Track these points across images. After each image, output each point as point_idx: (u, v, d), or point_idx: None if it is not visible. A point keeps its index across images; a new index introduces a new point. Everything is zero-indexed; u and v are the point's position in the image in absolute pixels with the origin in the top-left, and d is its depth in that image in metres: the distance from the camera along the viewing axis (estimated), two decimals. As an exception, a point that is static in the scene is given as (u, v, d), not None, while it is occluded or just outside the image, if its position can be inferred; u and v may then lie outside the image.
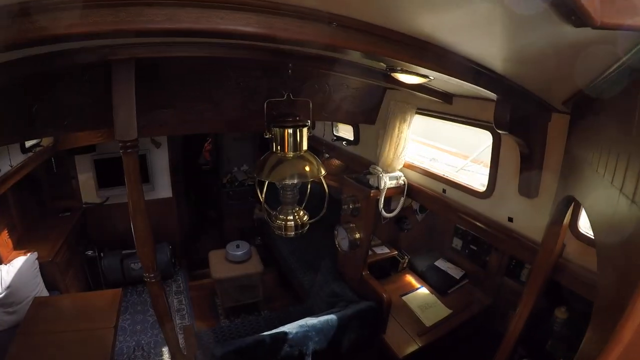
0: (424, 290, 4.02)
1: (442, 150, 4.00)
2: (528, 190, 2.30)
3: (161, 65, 2.48)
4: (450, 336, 3.54)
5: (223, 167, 6.96)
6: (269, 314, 4.11)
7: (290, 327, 3.03)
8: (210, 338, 3.53)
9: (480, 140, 3.08)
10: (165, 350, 4.33)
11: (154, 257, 2.31)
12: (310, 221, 2.13)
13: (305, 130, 1.92)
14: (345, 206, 3.62)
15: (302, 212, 2.13)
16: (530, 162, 2.19)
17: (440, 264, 4.23)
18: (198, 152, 7.53)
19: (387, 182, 3.29)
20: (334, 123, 4.39)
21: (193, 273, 6.14)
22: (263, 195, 2.05)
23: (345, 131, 4.27)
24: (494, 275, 3.76)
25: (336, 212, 3.84)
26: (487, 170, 2.74)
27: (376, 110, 3.58)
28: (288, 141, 1.89)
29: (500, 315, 3.66)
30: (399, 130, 3.18)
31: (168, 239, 5.99)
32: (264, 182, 2.03)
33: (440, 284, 4.00)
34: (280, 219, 2.08)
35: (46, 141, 4.51)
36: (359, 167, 3.68)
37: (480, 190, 2.74)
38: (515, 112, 1.86)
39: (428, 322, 3.57)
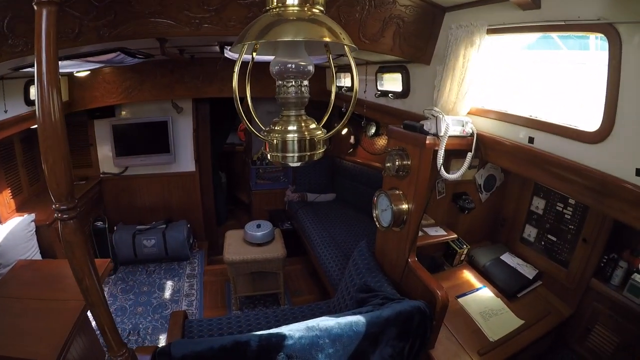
0: (486, 292, 3.03)
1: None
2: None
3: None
4: (521, 356, 2.56)
5: (255, 144, 6.34)
6: (286, 310, 3.24)
7: (293, 329, 2.08)
8: (204, 330, 2.75)
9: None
10: (162, 337, 3.69)
11: (70, 177, 1.39)
12: (325, 136, 1.27)
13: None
14: (389, 164, 2.61)
15: (312, 123, 1.18)
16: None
17: (508, 258, 3.23)
18: (228, 131, 7.01)
19: (450, 125, 2.31)
20: (379, 76, 3.55)
21: (213, 258, 5.56)
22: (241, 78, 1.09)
23: (392, 84, 3.41)
24: (578, 276, 2.74)
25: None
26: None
27: (432, 44, 2.70)
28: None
29: (582, 330, 2.69)
30: (464, 59, 2.28)
31: (188, 217, 5.52)
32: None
33: (508, 285, 3.00)
34: (275, 132, 1.13)
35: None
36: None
37: (590, 131, 1.76)
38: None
39: (493, 336, 2.58)
